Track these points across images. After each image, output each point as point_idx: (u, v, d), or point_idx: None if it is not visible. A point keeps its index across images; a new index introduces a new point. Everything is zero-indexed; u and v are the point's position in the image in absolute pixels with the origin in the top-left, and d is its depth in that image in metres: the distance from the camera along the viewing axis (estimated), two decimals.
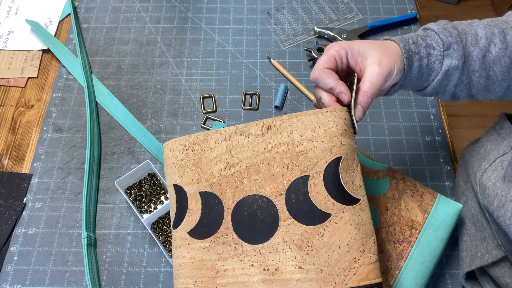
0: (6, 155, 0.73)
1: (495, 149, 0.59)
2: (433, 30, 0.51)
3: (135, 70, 0.82)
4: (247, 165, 0.49)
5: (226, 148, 0.50)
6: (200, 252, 0.48)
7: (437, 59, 0.50)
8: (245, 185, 0.48)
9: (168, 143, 0.53)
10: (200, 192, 0.49)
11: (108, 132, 0.75)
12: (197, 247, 0.48)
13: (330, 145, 0.47)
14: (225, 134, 0.50)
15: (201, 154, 0.51)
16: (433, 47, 0.50)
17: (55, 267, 0.63)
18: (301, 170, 0.47)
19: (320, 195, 0.46)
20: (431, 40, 0.51)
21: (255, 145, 0.49)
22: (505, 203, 0.51)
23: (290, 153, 0.48)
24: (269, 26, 0.88)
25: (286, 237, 0.45)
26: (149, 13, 0.89)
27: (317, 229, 0.45)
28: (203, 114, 0.77)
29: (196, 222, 0.48)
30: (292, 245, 0.45)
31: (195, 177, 0.50)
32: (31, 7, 0.90)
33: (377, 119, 0.76)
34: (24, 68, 0.82)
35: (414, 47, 0.50)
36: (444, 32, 0.50)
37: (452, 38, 0.50)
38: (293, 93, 0.79)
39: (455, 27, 0.51)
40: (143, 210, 0.66)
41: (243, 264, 0.46)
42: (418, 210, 0.58)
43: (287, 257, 0.45)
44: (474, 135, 0.69)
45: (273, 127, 0.49)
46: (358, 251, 0.44)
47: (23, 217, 0.67)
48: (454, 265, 0.63)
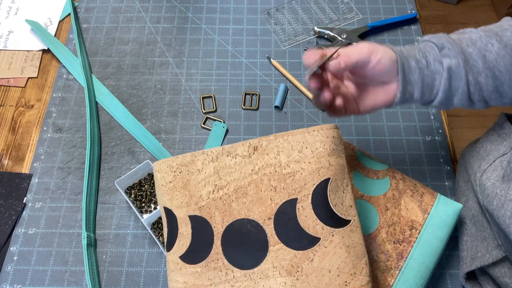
0: (6, 155, 0.73)
1: (494, 150, 0.59)
2: (423, 39, 0.54)
3: (135, 70, 0.82)
4: (235, 188, 0.48)
5: (213, 169, 0.49)
6: (192, 277, 0.47)
7: (435, 59, 0.51)
8: (233, 209, 0.48)
9: (157, 164, 0.52)
10: (189, 216, 0.49)
11: (108, 132, 0.75)
12: (189, 272, 0.48)
13: (318, 167, 0.46)
14: (211, 155, 0.50)
15: (189, 176, 0.50)
16: (427, 50, 0.52)
17: (55, 267, 0.63)
18: (289, 193, 0.46)
19: (309, 219, 0.45)
20: (424, 46, 0.52)
21: (242, 166, 0.48)
22: (504, 202, 0.51)
23: (277, 175, 0.47)
24: (269, 26, 0.88)
25: (276, 262, 0.45)
26: (149, 13, 0.89)
27: (306, 254, 0.44)
28: (203, 114, 0.77)
29: (187, 247, 0.48)
30: (282, 270, 0.45)
31: (184, 200, 0.49)
32: (31, 7, 0.90)
33: (377, 119, 0.76)
34: (24, 68, 0.82)
35: (408, 50, 0.52)
36: (434, 36, 0.53)
37: (443, 40, 0.52)
38: (293, 93, 0.79)
39: (444, 34, 0.53)
40: (143, 210, 0.66)
41: None
42: (418, 210, 0.58)
43: (277, 282, 0.44)
44: (474, 135, 0.69)
45: (259, 147, 0.48)
46: (349, 274, 0.44)
47: (23, 217, 0.67)
48: (454, 265, 0.63)
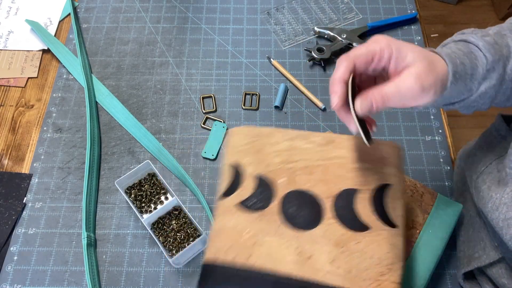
0: (6, 155, 0.73)
1: (491, 151, 0.59)
2: (477, 46, 0.46)
3: (135, 70, 0.82)
4: (304, 165, 0.52)
5: (288, 146, 0.54)
6: (243, 221, 0.50)
7: (476, 79, 0.45)
8: (298, 180, 0.51)
9: (235, 129, 0.57)
10: (256, 175, 0.53)
11: (108, 132, 0.75)
12: (242, 217, 0.50)
13: (384, 171, 0.51)
14: (289, 135, 0.55)
15: (263, 146, 0.55)
16: (476, 66, 0.45)
17: (55, 267, 0.63)
18: (352, 183, 0.50)
19: (365, 209, 0.49)
20: (476, 59, 0.45)
21: (315, 151, 0.53)
22: (499, 206, 0.51)
23: (346, 166, 0.51)
24: (269, 26, 0.88)
25: (327, 233, 0.48)
26: (149, 13, 0.89)
27: (355, 236, 0.47)
28: (203, 114, 0.77)
29: (246, 196, 0.51)
30: (330, 241, 0.47)
31: (254, 162, 0.54)
32: (31, 7, 0.90)
33: (377, 119, 0.76)
34: (24, 68, 0.82)
35: (462, 69, 0.44)
36: (490, 49, 0.45)
37: (496, 57, 0.45)
38: (293, 93, 0.79)
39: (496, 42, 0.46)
40: (143, 210, 0.66)
41: (281, 244, 0.48)
42: (418, 210, 0.58)
43: (323, 249, 0.47)
44: (474, 135, 0.69)
45: (334, 142, 0.53)
46: (387, 267, 0.46)
47: (23, 217, 0.67)
48: (454, 265, 0.63)
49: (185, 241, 0.63)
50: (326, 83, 0.80)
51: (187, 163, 0.72)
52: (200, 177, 0.70)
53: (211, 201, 0.68)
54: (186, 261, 0.63)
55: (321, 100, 0.77)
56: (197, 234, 0.64)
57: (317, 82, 0.80)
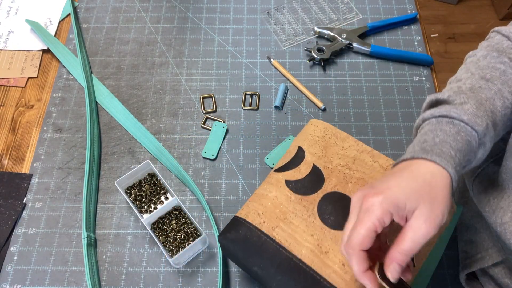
0: (6, 155, 0.73)
1: None
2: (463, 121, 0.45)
3: (135, 70, 0.82)
4: (360, 177, 0.56)
5: (354, 155, 0.58)
6: (284, 197, 0.55)
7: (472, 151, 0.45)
8: (347, 187, 0.56)
9: (315, 121, 0.63)
10: (314, 165, 0.58)
11: (108, 132, 0.75)
12: (284, 192, 0.56)
13: None
14: (361, 147, 0.59)
15: (333, 145, 0.60)
16: (470, 143, 0.44)
17: (55, 267, 0.63)
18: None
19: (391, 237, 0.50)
20: (467, 136, 0.45)
21: (375, 171, 0.57)
22: (495, 209, 0.51)
23: None
24: (269, 26, 0.87)
25: None
26: (149, 13, 0.89)
27: None
28: (203, 114, 0.77)
29: (296, 179, 0.57)
30: None
31: (318, 153, 0.59)
32: (31, 7, 0.90)
33: (377, 119, 0.76)
34: (24, 68, 0.82)
35: (460, 158, 0.43)
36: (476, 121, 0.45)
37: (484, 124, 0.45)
38: (293, 93, 0.79)
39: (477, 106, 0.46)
40: (143, 210, 0.66)
41: (306, 230, 0.53)
42: None
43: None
44: None
45: None
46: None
47: (23, 217, 0.67)
48: (454, 265, 0.63)
49: (185, 241, 0.63)
50: (326, 83, 0.80)
51: (187, 163, 0.72)
52: (200, 177, 0.70)
53: (211, 201, 0.68)
54: (186, 261, 0.63)
55: (321, 100, 0.77)
56: (197, 234, 0.64)
57: (317, 82, 0.80)
